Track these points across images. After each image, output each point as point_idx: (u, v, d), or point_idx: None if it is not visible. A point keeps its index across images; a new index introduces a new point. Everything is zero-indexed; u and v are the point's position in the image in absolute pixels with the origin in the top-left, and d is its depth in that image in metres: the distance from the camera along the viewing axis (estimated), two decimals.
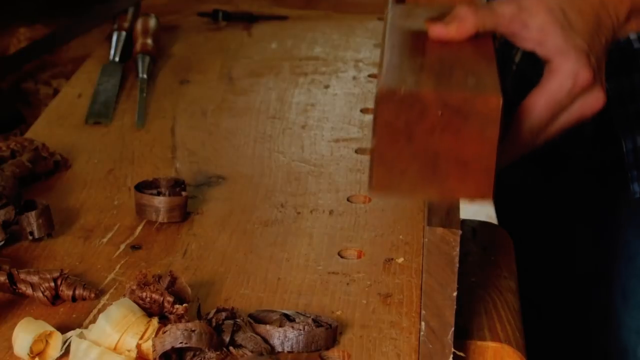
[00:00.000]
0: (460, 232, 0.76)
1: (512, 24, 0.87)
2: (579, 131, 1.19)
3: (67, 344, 0.81)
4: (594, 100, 0.88)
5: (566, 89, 0.87)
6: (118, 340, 0.80)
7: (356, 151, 1.18)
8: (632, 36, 1.16)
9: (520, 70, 1.28)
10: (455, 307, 0.78)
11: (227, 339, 0.81)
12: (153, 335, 0.80)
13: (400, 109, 0.74)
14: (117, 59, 1.41)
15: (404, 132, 0.74)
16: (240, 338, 0.81)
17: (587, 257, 1.37)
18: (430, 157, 0.75)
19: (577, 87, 0.87)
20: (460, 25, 0.86)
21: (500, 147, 0.76)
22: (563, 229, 1.40)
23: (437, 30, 0.86)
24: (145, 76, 1.35)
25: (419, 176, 0.75)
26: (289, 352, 0.82)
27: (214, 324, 0.81)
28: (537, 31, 0.87)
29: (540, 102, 0.87)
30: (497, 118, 0.74)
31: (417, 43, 0.85)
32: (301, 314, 0.85)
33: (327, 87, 1.37)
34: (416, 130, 0.74)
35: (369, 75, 1.39)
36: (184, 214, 1.02)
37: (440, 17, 0.87)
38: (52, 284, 0.88)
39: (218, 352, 0.79)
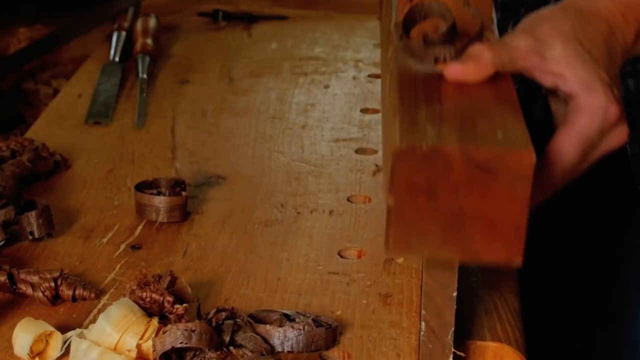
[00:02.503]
0: None
1: (529, 57, 0.80)
2: None
3: (67, 344, 0.81)
4: (620, 134, 0.83)
5: (597, 125, 0.81)
6: (118, 340, 0.80)
7: (356, 151, 1.18)
8: None
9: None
10: (455, 307, 0.78)
11: (227, 339, 0.81)
12: (153, 335, 0.80)
13: (421, 166, 0.68)
14: (117, 59, 1.41)
15: (425, 190, 0.68)
16: (240, 338, 0.81)
17: (593, 258, 1.37)
18: (454, 218, 0.69)
19: (607, 122, 0.82)
20: (478, 64, 0.78)
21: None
22: (569, 228, 1.40)
23: (453, 70, 0.78)
24: (145, 76, 1.35)
25: (442, 237, 0.69)
26: (289, 352, 0.82)
27: (214, 324, 0.81)
28: (556, 63, 0.81)
29: (571, 141, 0.81)
30: (529, 175, 0.68)
31: (431, 87, 0.77)
32: (301, 314, 0.85)
33: (327, 87, 1.37)
34: (438, 189, 0.68)
35: (369, 75, 1.39)
36: (184, 214, 1.02)
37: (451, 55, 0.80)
38: (52, 284, 0.88)
39: (218, 352, 0.79)
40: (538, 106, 1.20)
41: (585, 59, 0.81)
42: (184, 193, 1.03)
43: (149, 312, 0.83)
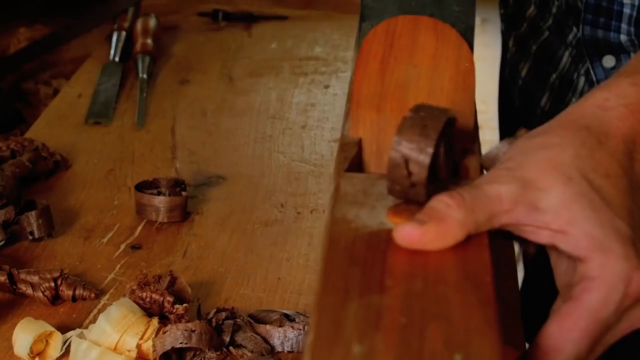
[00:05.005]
0: None
1: (515, 211, 0.59)
2: None
3: (67, 344, 0.81)
4: None
5: (614, 302, 0.58)
6: (118, 340, 0.80)
7: None
8: None
9: (526, 84, 1.17)
10: None
11: (227, 339, 0.81)
12: (153, 335, 0.80)
13: None
14: (117, 59, 1.41)
15: None
16: (240, 338, 0.81)
17: None
18: None
19: (630, 296, 0.58)
20: (441, 227, 0.56)
21: None
22: None
23: (407, 235, 0.56)
24: (145, 76, 1.35)
25: None
26: (289, 352, 0.82)
27: (214, 324, 0.81)
28: (554, 215, 0.58)
29: (578, 326, 0.58)
30: None
31: (373, 259, 0.55)
32: (301, 314, 0.85)
33: (327, 87, 1.37)
34: None
35: None
36: (184, 214, 1.02)
37: (409, 195, 0.59)
38: (52, 284, 0.88)
39: (218, 352, 0.79)
40: (517, 91, 1.18)
41: (595, 204, 0.59)
42: (184, 193, 1.03)
43: (149, 312, 0.83)
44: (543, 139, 0.62)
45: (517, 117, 1.18)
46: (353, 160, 0.66)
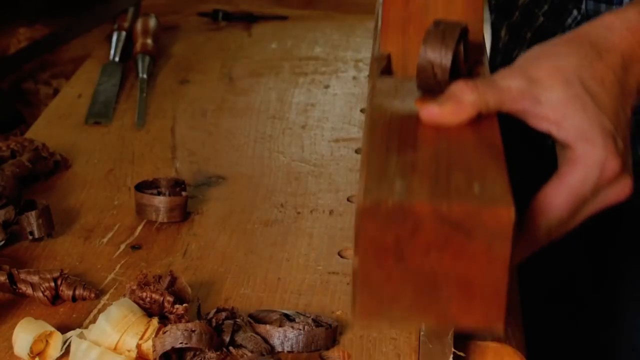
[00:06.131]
0: None
1: (520, 101, 0.73)
2: None
3: (67, 344, 0.81)
4: (620, 190, 0.75)
5: (591, 181, 0.74)
6: (118, 340, 0.80)
7: (356, 151, 1.18)
8: None
9: None
10: None
11: (227, 339, 0.81)
12: (153, 335, 0.80)
13: (388, 225, 0.62)
14: (117, 59, 1.41)
15: (393, 251, 0.62)
16: (240, 338, 0.81)
17: (588, 258, 1.37)
18: (426, 280, 0.63)
19: (604, 178, 0.74)
20: (457, 106, 0.71)
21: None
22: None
23: (430, 112, 0.71)
24: (145, 76, 1.35)
25: (413, 302, 0.63)
26: (289, 352, 0.82)
27: (214, 324, 0.81)
28: (552, 109, 0.73)
29: (560, 197, 0.74)
30: (508, 234, 0.61)
31: (406, 131, 0.71)
32: (301, 314, 0.85)
33: (327, 87, 1.37)
34: (408, 249, 0.62)
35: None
36: (184, 214, 1.02)
37: (435, 90, 0.74)
38: (52, 284, 0.88)
39: (218, 352, 0.79)
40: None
41: (586, 104, 0.73)
42: (184, 193, 1.03)
43: (149, 312, 0.83)
44: (553, 48, 0.76)
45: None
46: (384, 69, 0.80)
